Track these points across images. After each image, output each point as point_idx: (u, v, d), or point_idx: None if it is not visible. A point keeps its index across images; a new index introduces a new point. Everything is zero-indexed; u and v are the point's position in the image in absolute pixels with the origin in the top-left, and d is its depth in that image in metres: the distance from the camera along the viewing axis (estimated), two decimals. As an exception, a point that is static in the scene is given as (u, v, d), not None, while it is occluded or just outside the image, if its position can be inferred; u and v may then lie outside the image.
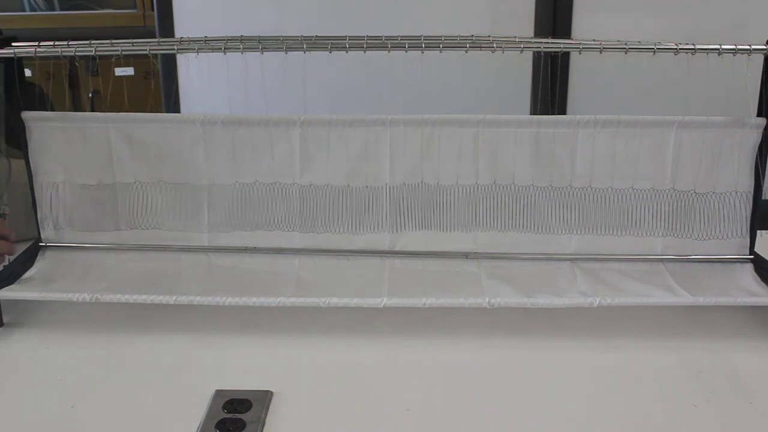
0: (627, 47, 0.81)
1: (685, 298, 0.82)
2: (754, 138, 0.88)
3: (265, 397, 0.69)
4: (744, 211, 0.90)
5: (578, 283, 0.86)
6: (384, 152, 0.90)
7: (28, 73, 0.90)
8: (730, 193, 0.90)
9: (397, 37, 0.81)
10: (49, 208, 0.92)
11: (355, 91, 1.51)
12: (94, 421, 0.67)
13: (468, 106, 1.56)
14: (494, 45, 0.82)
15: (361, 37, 0.81)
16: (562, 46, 0.86)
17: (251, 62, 0.85)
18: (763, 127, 0.87)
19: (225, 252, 0.93)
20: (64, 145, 0.90)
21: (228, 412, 0.66)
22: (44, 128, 0.90)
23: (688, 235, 0.91)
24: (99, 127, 0.90)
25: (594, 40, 0.82)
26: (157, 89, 1.62)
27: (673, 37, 0.84)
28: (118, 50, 0.83)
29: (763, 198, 0.90)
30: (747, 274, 0.89)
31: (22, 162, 0.92)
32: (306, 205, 0.92)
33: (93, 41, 0.83)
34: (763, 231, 0.93)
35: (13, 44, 0.84)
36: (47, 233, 0.93)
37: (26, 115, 0.89)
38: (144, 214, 0.93)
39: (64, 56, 0.83)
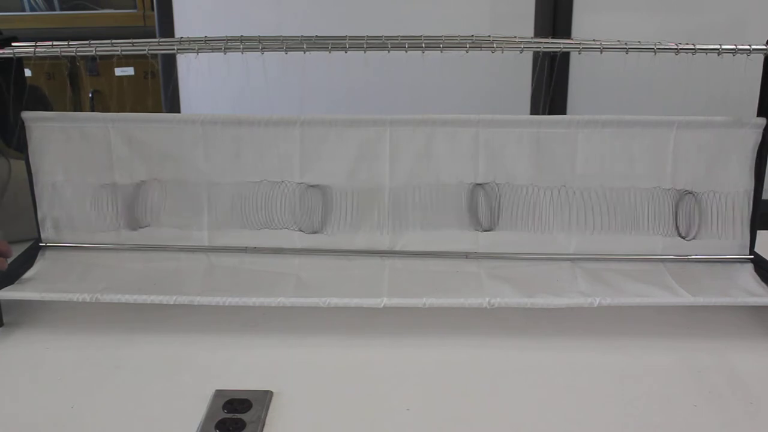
0: (627, 47, 0.81)
1: (685, 298, 0.82)
2: (754, 138, 0.88)
3: (265, 397, 0.69)
4: (744, 211, 0.90)
5: (578, 283, 0.86)
6: (384, 152, 0.90)
7: (27, 73, 0.90)
8: (730, 193, 0.90)
9: (397, 37, 0.81)
10: (49, 208, 0.92)
11: (355, 91, 1.51)
12: (94, 421, 0.67)
13: (468, 106, 1.56)
14: (494, 45, 0.81)
15: (361, 37, 0.81)
16: (562, 46, 0.85)
17: (251, 62, 0.85)
18: (763, 127, 0.87)
19: (225, 252, 0.93)
20: (64, 145, 0.90)
21: (228, 412, 0.66)
22: (44, 128, 0.90)
23: (688, 235, 0.91)
24: (99, 127, 0.90)
25: (594, 40, 0.82)
26: (157, 89, 1.62)
27: (673, 37, 0.84)
28: (118, 50, 0.83)
29: (763, 198, 0.90)
30: (747, 274, 0.89)
31: (22, 162, 0.92)
32: (306, 205, 0.92)
33: (93, 41, 0.83)
34: (763, 231, 0.93)
35: (13, 44, 0.84)
36: (47, 233, 0.93)
37: (26, 115, 0.89)
38: (144, 214, 0.93)
39: (64, 56, 0.83)
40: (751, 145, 0.88)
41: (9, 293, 0.82)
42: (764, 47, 0.82)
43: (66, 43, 0.83)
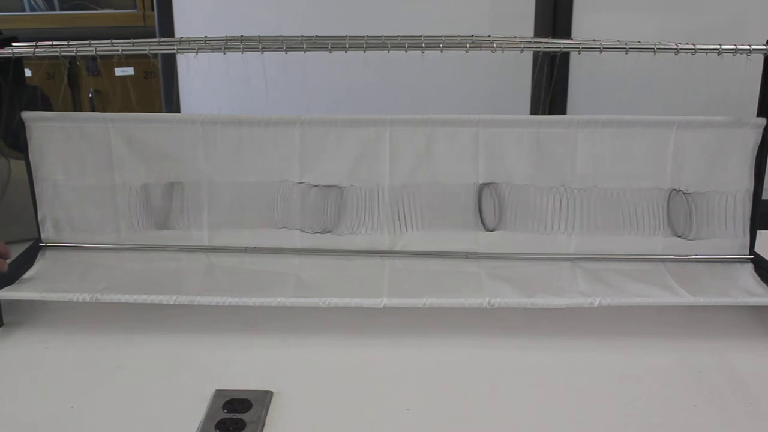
0: (627, 47, 0.81)
1: (685, 298, 0.82)
2: (754, 138, 0.88)
3: (265, 397, 0.69)
4: (744, 211, 0.90)
5: (578, 283, 0.86)
6: (384, 152, 0.90)
7: (27, 73, 0.90)
8: (730, 193, 0.90)
9: (397, 37, 0.81)
10: (49, 208, 0.92)
11: (355, 91, 1.51)
12: (94, 421, 0.67)
13: (468, 106, 1.56)
14: (494, 45, 0.81)
15: (361, 37, 0.81)
16: (562, 46, 0.86)
17: (251, 62, 0.85)
18: (763, 127, 0.87)
19: (225, 252, 0.93)
20: (64, 145, 0.90)
21: (228, 412, 0.66)
22: (44, 128, 0.90)
23: (688, 235, 0.91)
24: (99, 127, 0.90)
25: (594, 40, 0.82)
26: (157, 89, 1.63)
27: (673, 37, 0.84)
28: (118, 50, 0.83)
29: (763, 198, 0.90)
30: (747, 274, 0.89)
31: (22, 162, 0.91)
32: (306, 205, 0.92)
33: (93, 41, 0.83)
34: (763, 231, 0.93)
35: (13, 44, 0.84)
36: (47, 233, 0.93)
37: (26, 115, 0.89)
38: (144, 214, 0.93)
39: (64, 56, 0.83)
40: (751, 145, 0.88)
41: (9, 293, 0.82)
42: (764, 47, 0.82)
43: (66, 43, 0.83)
